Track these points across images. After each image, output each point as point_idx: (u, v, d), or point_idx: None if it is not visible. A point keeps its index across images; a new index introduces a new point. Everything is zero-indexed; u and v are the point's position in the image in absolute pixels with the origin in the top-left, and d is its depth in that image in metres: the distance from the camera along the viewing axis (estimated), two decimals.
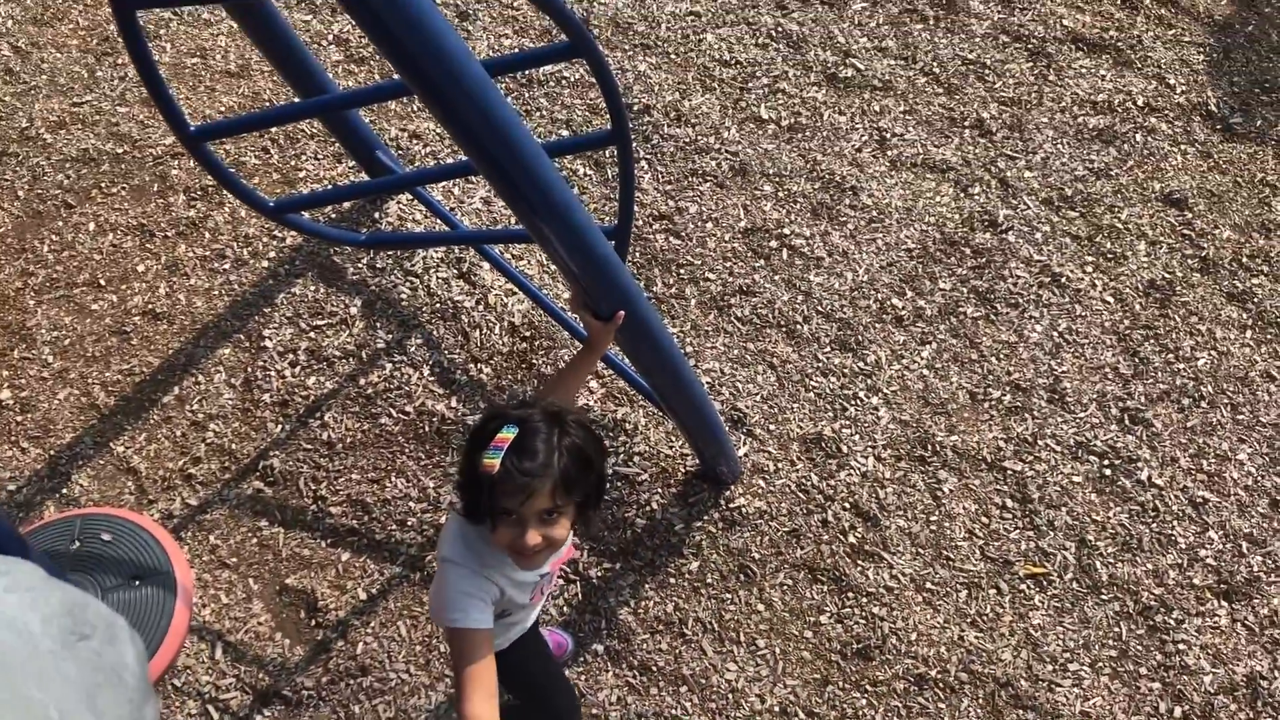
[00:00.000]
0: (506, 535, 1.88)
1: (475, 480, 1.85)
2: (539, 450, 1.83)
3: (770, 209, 3.74)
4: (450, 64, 1.57)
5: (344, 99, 2.93)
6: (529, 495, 1.82)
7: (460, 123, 1.67)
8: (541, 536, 1.87)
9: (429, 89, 1.61)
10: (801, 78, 4.08)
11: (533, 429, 1.85)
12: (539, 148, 1.78)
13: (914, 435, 3.27)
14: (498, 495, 1.83)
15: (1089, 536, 3.09)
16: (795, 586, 3.06)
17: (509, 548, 1.90)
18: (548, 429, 1.86)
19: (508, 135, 1.70)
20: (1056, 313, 3.49)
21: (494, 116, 1.68)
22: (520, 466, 1.81)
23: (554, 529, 1.89)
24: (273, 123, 2.35)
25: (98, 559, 2.90)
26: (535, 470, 1.82)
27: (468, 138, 1.71)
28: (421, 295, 3.58)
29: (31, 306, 3.71)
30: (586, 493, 1.94)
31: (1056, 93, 3.99)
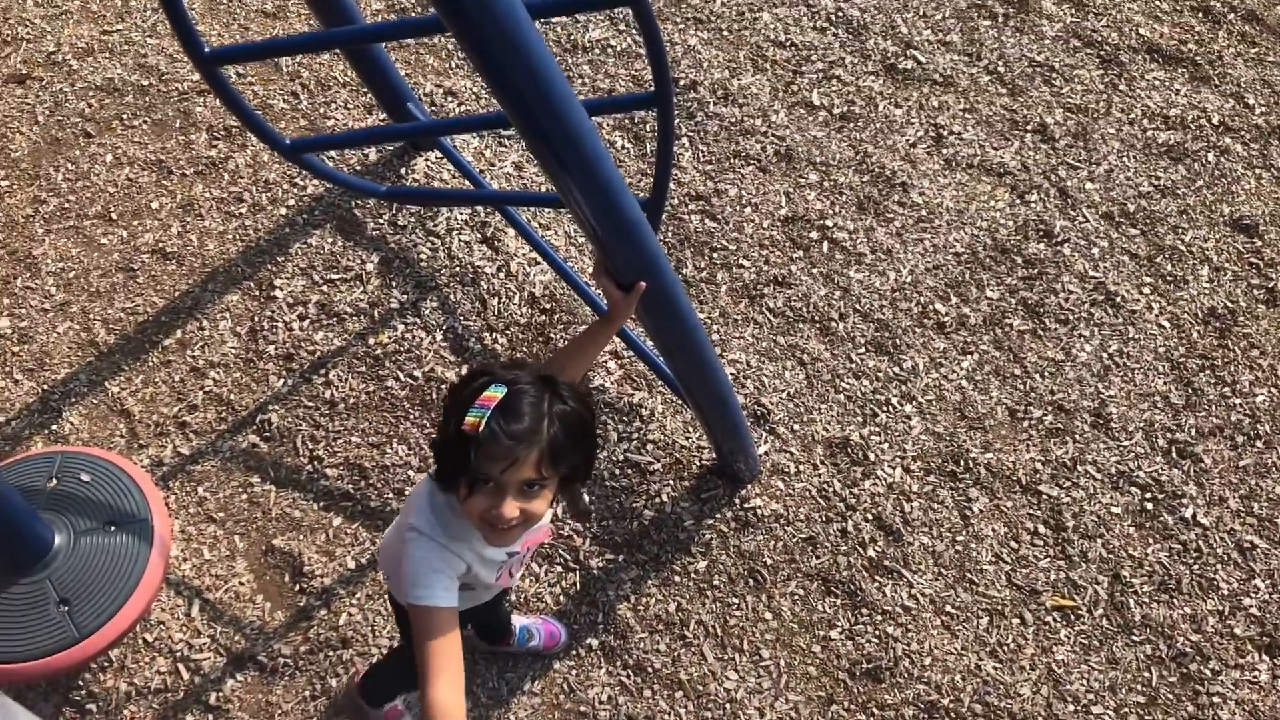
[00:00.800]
0: (481, 504, 1.67)
1: (455, 441, 1.64)
2: (527, 414, 1.63)
3: (814, 198, 3.55)
4: None
5: (371, 30, 2.76)
6: (512, 462, 1.62)
7: (490, 56, 1.50)
8: (519, 509, 1.67)
9: (461, 18, 1.43)
10: (858, 65, 3.88)
11: (522, 391, 1.66)
12: (570, 91, 1.61)
13: (946, 449, 3.08)
14: (479, 459, 1.62)
15: (1124, 572, 2.89)
16: (807, 597, 2.88)
17: (481, 518, 1.70)
18: (538, 393, 1.67)
19: (538, 73, 1.52)
20: (1108, 333, 3.28)
21: (526, 52, 1.51)
22: (507, 429, 1.61)
23: (533, 502, 1.70)
24: (294, 50, 2.19)
25: (74, 499, 2.76)
26: (523, 435, 1.62)
27: (497, 74, 1.53)
28: (441, 257, 3.42)
29: (40, 235, 3.58)
30: (574, 466, 1.73)
31: (1126, 103, 3.78)
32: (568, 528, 2.97)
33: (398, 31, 2.55)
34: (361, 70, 3.21)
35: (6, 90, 3.95)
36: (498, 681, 2.80)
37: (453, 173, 3.60)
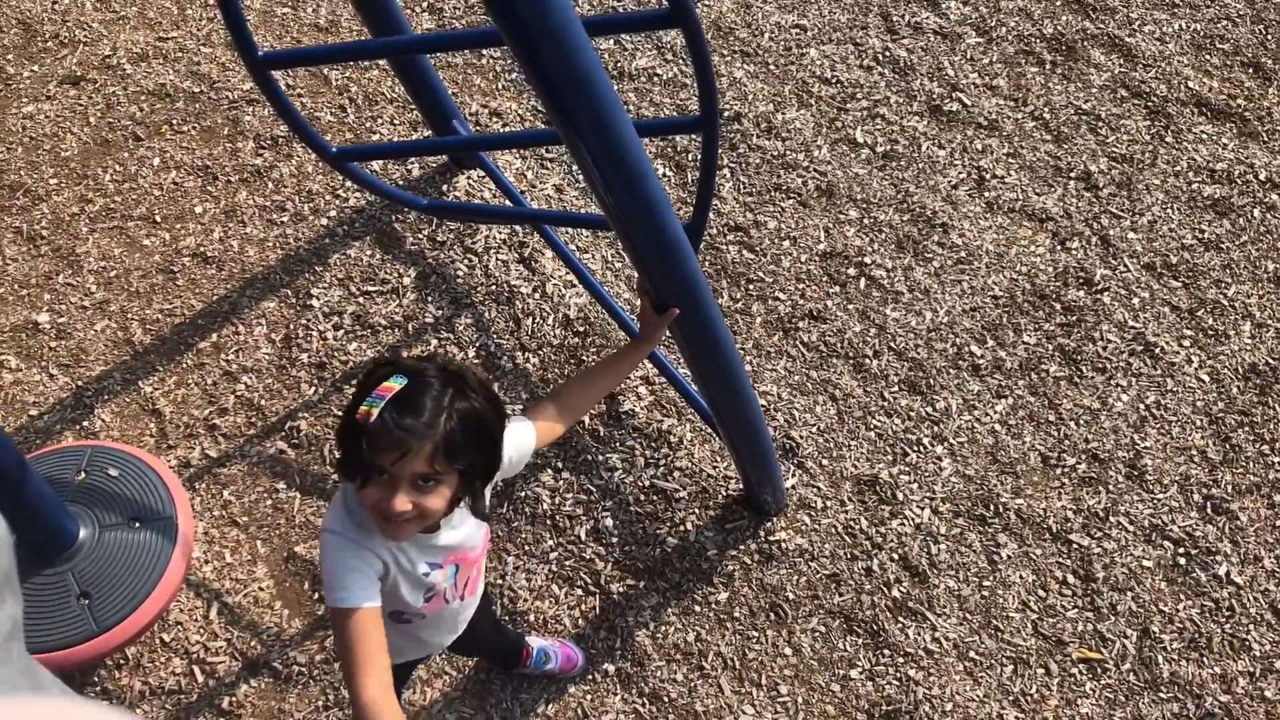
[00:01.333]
0: (374, 495, 1.64)
1: (349, 430, 1.63)
2: (425, 407, 1.61)
3: (853, 235, 3.54)
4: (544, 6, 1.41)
5: (422, 40, 2.77)
6: (403, 454, 1.60)
7: (541, 60, 1.51)
8: (411, 504, 1.64)
9: (515, 21, 1.44)
10: (903, 105, 3.88)
11: (424, 383, 1.63)
12: (619, 102, 1.61)
13: (977, 492, 3.04)
14: (371, 449, 1.60)
15: (1153, 627, 2.84)
16: (828, 635, 2.84)
17: (373, 509, 1.66)
18: (441, 386, 1.64)
19: (588, 81, 1.53)
20: (1146, 384, 3.24)
21: (577, 59, 1.51)
22: (399, 421, 1.59)
23: (428, 497, 1.66)
24: (346, 57, 2.21)
25: (100, 493, 2.77)
26: (415, 428, 1.59)
27: (546, 80, 1.54)
28: (478, 275, 3.43)
29: (84, 233, 3.62)
30: (473, 463, 1.70)
31: (1172, 155, 3.76)
32: (589, 550, 2.95)
33: (449, 43, 2.57)
34: (409, 84, 3.24)
35: (61, 91, 4.01)
36: (511, 703, 2.77)
37: (494, 191, 3.62)
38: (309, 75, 3.98)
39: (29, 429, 3.20)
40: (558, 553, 2.96)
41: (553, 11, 1.44)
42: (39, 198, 3.70)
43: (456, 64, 4.04)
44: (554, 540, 2.97)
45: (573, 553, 2.96)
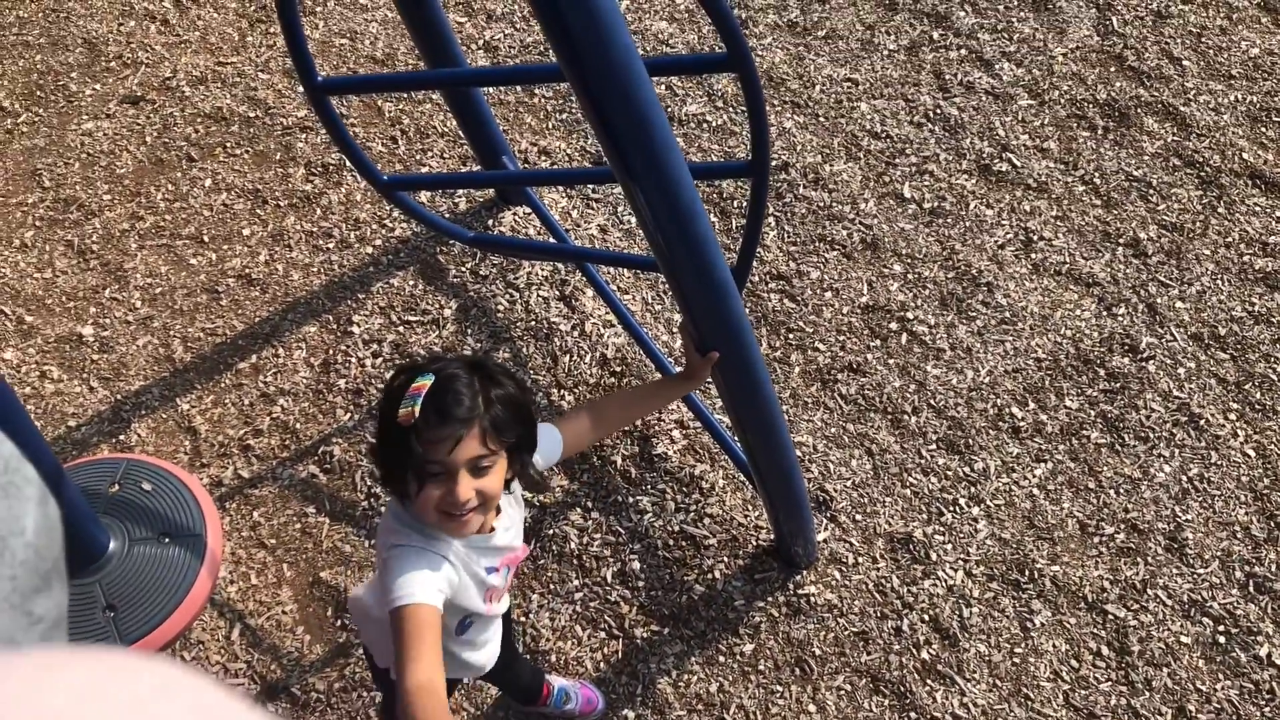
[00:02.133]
0: (434, 494, 1.62)
1: (394, 437, 1.61)
2: (463, 393, 1.61)
3: (896, 289, 3.52)
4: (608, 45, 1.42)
5: (477, 74, 2.81)
6: (456, 441, 1.59)
7: (601, 100, 1.51)
8: (474, 489, 1.63)
9: (579, 65, 1.45)
10: (952, 163, 3.87)
11: (452, 374, 1.63)
12: (674, 140, 1.61)
13: (1012, 556, 2.98)
14: (422, 447, 1.59)
15: (1190, 706, 2.76)
16: (854, 694, 2.78)
17: (437, 509, 1.65)
18: (468, 374, 1.64)
19: (645, 116, 1.53)
20: (1189, 456, 3.18)
21: (638, 100, 1.51)
22: (445, 411, 1.59)
23: (486, 480, 1.65)
24: (401, 87, 2.24)
25: (132, 506, 2.78)
26: (461, 414, 1.59)
27: (605, 120, 1.54)
28: (519, 310, 3.43)
29: (133, 250, 3.67)
30: (519, 435, 1.70)
31: (1224, 226, 3.72)
32: (615, 593, 2.92)
33: (506, 77, 2.60)
34: (462, 118, 3.27)
35: (120, 110, 4.09)
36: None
37: (538, 229, 3.63)
38: (362, 106, 4.03)
39: (66, 439, 3.22)
40: (583, 593, 2.93)
41: (615, 48, 1.44)
42: (91, 213, 3.76)
43: (509, 101, 4.08)
44: (580, 580, 2.95)
45: (598, 594, 2.93)
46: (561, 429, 1.98)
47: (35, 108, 4.09)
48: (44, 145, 3.96)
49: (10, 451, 0.68)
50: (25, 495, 0.67)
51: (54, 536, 0.69)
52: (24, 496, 0.67)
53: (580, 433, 2.03)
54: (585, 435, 2.05)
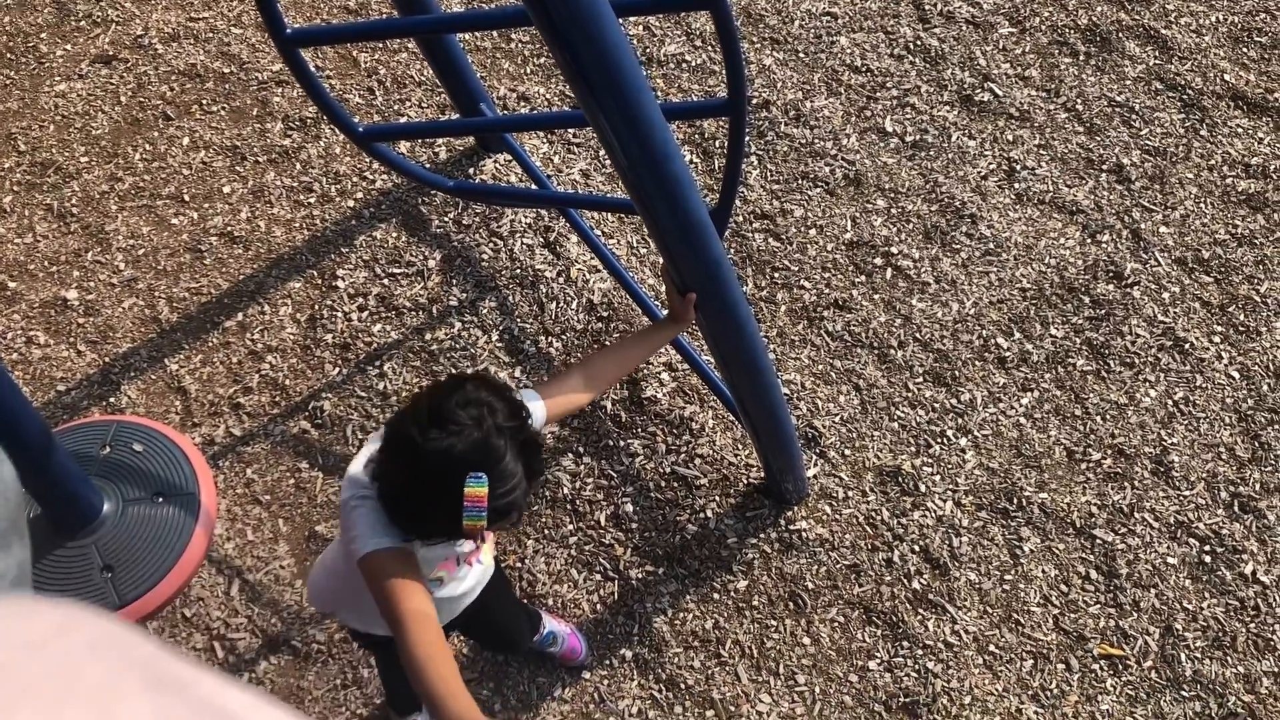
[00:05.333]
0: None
1: (433, 508, 1.64)
2: (514, 487, 1.64)
3: (880, 225, 3.51)
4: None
5: (448, 20, 2.77)
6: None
7: (568, 39, 1.50)
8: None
9: (545, 8, 1.43)
10: (934, 95, 3.85)
11: (496, 457, 1.62)
12: (645, 82, 1.60)
13: (1000, 485, 3.02)
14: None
15: (1177, 625, 2.81)
16: (847, 625, 2.83)
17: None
18: (504, 444, 1.63)
19: (614, 60, 1.52)
20: (1174, 380, 3.20)
21: (602, 38, 1.50)
22: (501, 508, 1.63)
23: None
24: (373, 36, 2.22)
25: (125, 468, 2.79)
26: (513, 501, 1.65)
27: (573, 58, 1.53)
28: (503, 259, 3.43)
29: (114, 211, 3.65)
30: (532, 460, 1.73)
31: (1207, 149, 3.71)
32: (609, 535, 2.95)
33: (478, 22, 2.57)
34: (438, 66, 3.24)
35: (93, 70, 4.04)
36: (528, 685, 2.78)
37: (520, 175, 3.61)
38: (338, 57, 3.98)
39: (56, 403, 3.23)
40: (577, 537, 2.96)
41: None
42: (69, 175, 3.73)
43: (485, 48, 4.04)
44: (574, 525, 2.97)
45: (592, 538, 2.96)
46: (546, 395, 1.96)
47: (6, 70, 4.04)
48: (17, 109, 3.92)
49: None
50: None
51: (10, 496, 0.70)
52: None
53: (570, 396, 2.02)
54: (577, 397, 2.04)
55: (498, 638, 2.56)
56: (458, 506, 1.58)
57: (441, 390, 1.66)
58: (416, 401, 1.67)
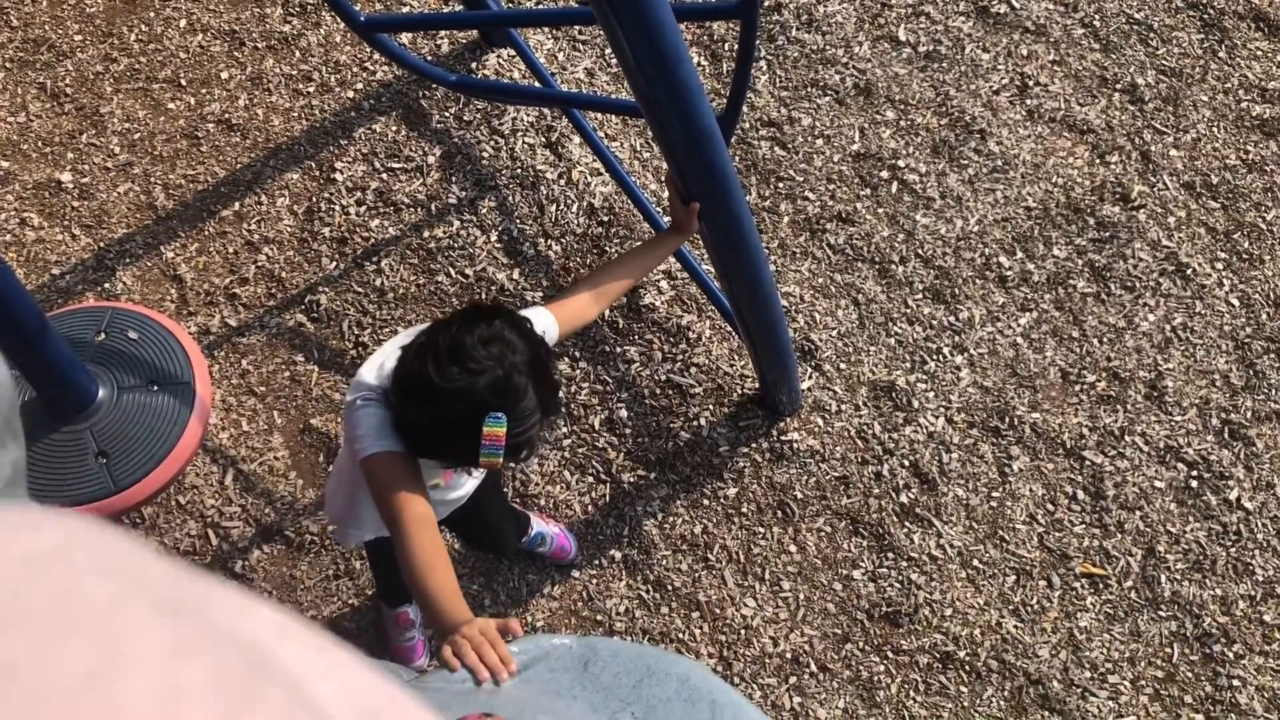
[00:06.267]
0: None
1: (452, 432, 1.65)
2: (532, 425, 1.66)
3: (888, 137, 3.46)
4: None
5: None
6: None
7: None
8: None
9: None
10: (950, 5, 3.76)
11: (515, 396, 1.62)
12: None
13: (993, 404, 3.03)
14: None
15: (1159, 547, 2.85)
16: (833, 535, 2.86)
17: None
18: (526, 379, 1.64)
19: None
20: (1174, 305, 3.20)
21: None
22: (517, 445, 1.65)
23: None
24: None
25: (120, 355, 2.79)
26: (529, 437, 1.68)
27: None
28: (504, 158, 3.38)
29: (108, 93, 3.58)
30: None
31: (1224, 71, 3.64)
32: (603, 439, 2.97)
33: None
34: None
35: None
36: (518, 582, 2.82)
37: (523, 72, 3.54)
38: None
39: (50, 287, 3.21)
40: (571, 440, 2.98)
41: None
42: (63, 54, 3.65)
43: None
44: (568, 427, 2.99)
45: (586, 441, 2.97)
46: (557, 311, 1.96)
47: None
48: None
49: None
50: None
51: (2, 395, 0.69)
52: None
53: (579, 310, 2.02)
54: (587, 312, 2.04)
55: (486, 537, 2.60)
56: (475, 443, 1.58)
57: (461, 325, 1.63)
58: (434, 335, 1.64)
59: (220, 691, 0.27)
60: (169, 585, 0.30)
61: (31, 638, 0.25)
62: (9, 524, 0.29)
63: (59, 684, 0.25)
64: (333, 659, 0.33)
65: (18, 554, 0.28)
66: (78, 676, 0.25)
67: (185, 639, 0.28)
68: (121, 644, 0.26)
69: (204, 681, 0.27)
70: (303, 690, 0.30)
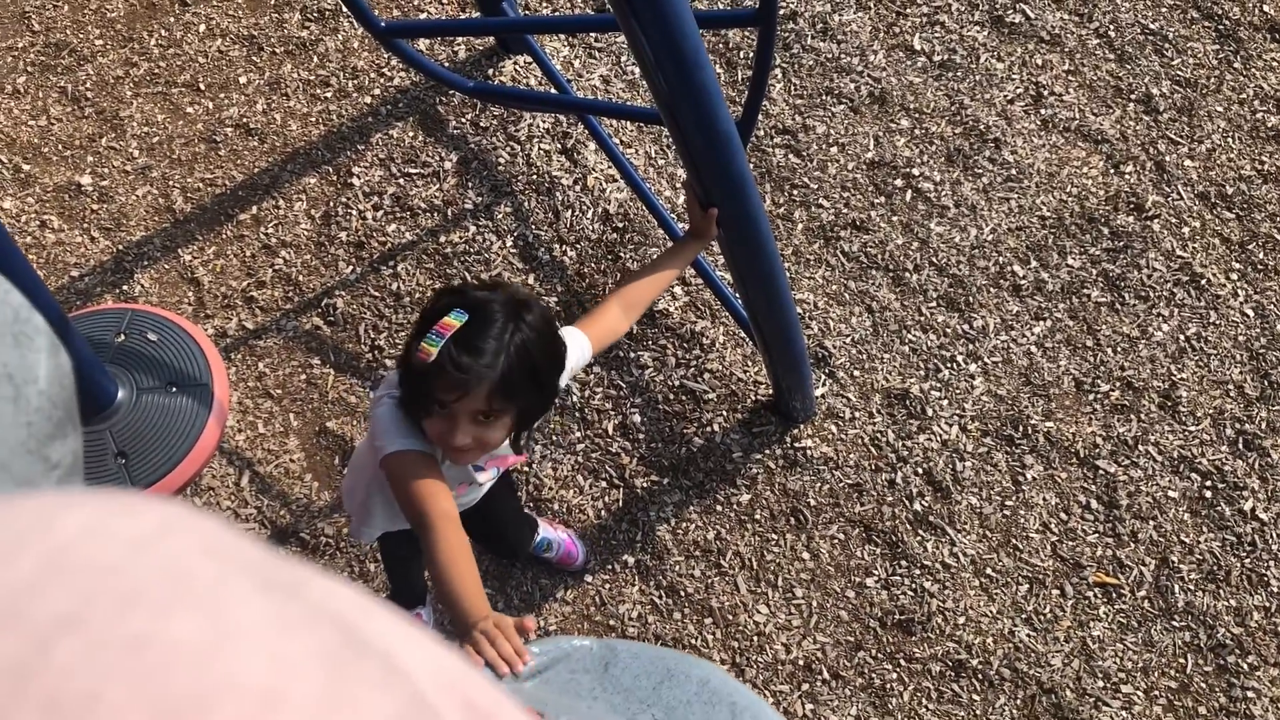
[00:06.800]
0: (437, 427, 1.70)
1: (411, 366, 1.67)
2: (485, 348, 1.63)
3: (903, 145, 3.47)
4: None
5: None
6: (463, 395, 1.64)
7: None
8: (472, 438, 1.69)
9: None
10: (965, 14, 3.77)
11: (487, 318, 1.65)
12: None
13: (1007, 412, 3.03)
14: (433, 386, 1.65)
15: (1172, 557, 2.85)
16: (846, 542, 2.87)
17: (438, 440, 1.73)
18: (503, 321, 1.66)
19: None
20: (1188, 315, 3.20)
21: None
22: (458, 361, 1.62)
23: (487, 431, 1.71)
24: None
25: (139, 356, 2.81)
26: (473, 369, 1.62)
27: None
28: (520, 163, 3.40)
29: (128, 97, 3.60)
30: (530, 400, 1.74)
31: (1239, 82, 3.64)
32: (616, 444, 2.98)
33: None
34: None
35: None
36: (531, 587, 2.83)
37: (540, 79, 3.56)
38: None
39: (70, 289, 3.24)
40: (585, 445, 2.99)
41: None
42: (84, 58, 3.68)
43: None
44: (581, 432, 3.00)
45: (599, 446, 2.98)
46: (589, 330, 1.98)
47: None
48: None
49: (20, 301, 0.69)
50: (36, 345, 0.68)
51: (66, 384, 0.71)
52: (35, 346, 0.68)
53: (610, 327, 2.04)
54: (619, 327, 2.07)
55: (498, 541, 2.61)
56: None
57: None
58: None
59: (323, 662, 0.28)
60: (266, 565, 0.32)
61: (153, 611, 0.27)
62: (109, 508, 0.31)
63: (183, 652, 0.26)
64: (412, 634, 0.35)
65: (124, 536, 0.29)
66: (197, 646, 0.26)
67: (287, 613, 0.29)
68: (230, 618, 0.28)
69: (307, 653, 0.28)
70: (392, 660, 0.31)
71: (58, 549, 0.29)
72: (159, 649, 0.26)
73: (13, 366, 0.65)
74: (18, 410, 0.64)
